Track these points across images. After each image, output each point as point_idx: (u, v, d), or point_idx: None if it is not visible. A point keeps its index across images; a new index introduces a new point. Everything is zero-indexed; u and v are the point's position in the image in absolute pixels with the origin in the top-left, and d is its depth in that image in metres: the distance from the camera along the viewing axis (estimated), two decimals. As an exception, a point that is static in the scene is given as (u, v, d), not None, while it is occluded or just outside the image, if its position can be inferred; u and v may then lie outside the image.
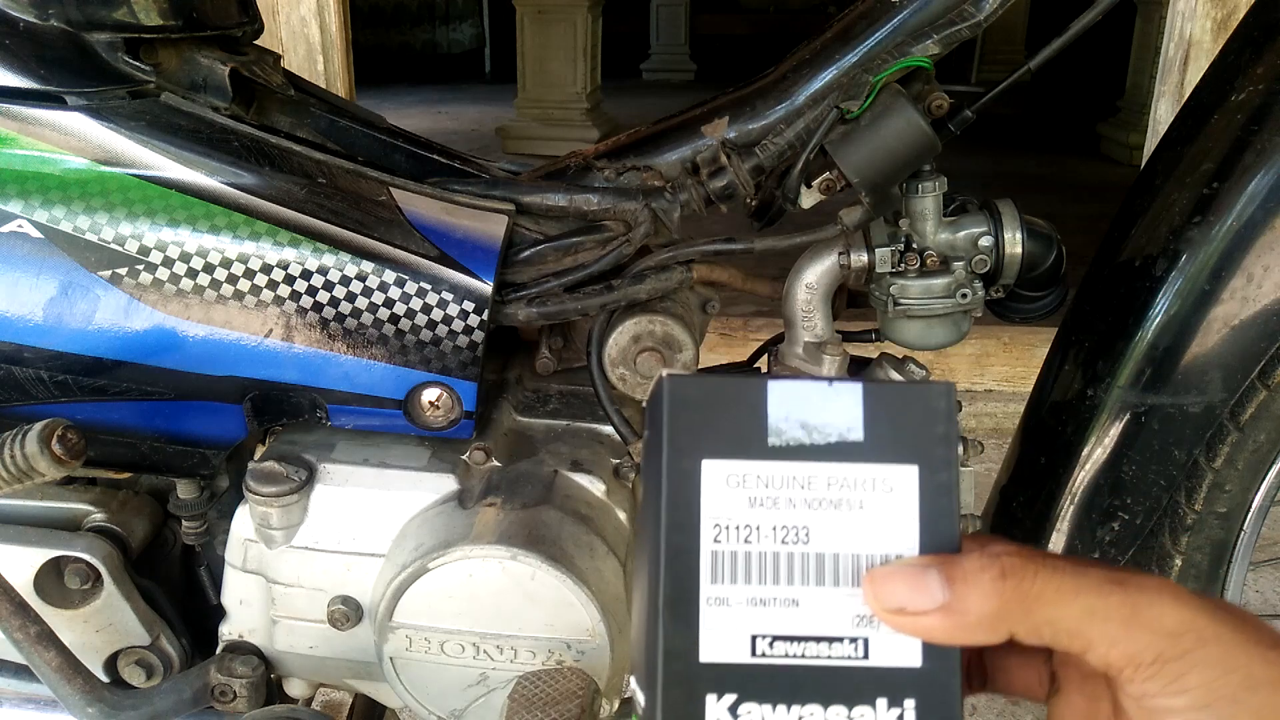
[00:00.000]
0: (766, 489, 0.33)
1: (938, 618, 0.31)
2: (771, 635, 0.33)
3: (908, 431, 0.33)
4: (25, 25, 0.64)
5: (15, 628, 0.65)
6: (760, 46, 4.78)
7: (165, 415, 0.67)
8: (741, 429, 0.33)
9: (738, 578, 0.33)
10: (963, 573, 0.31)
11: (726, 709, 0.32)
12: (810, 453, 0.33)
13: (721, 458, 0.33)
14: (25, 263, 0.63)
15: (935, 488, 0.33)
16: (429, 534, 0.65)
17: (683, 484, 0.33)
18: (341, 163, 0.68)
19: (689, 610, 0.32)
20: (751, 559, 0.33)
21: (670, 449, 0.33)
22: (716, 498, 0.33)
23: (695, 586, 0.32)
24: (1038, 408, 0.80)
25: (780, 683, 0.32)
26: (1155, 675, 0.30)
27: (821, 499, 0.33)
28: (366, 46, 6.19)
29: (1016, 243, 0.71)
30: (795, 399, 0.33)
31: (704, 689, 0.32)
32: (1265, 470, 0.74)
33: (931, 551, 0.33)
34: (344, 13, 2.05)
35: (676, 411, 0.33)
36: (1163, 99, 2.00)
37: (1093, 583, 0.30)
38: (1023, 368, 2.07)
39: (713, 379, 0.34)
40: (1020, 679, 0.38)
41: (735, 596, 0.33)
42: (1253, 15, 0.72)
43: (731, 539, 0.33)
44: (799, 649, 0.33)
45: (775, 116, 0.69)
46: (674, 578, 0.32)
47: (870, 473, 0.33)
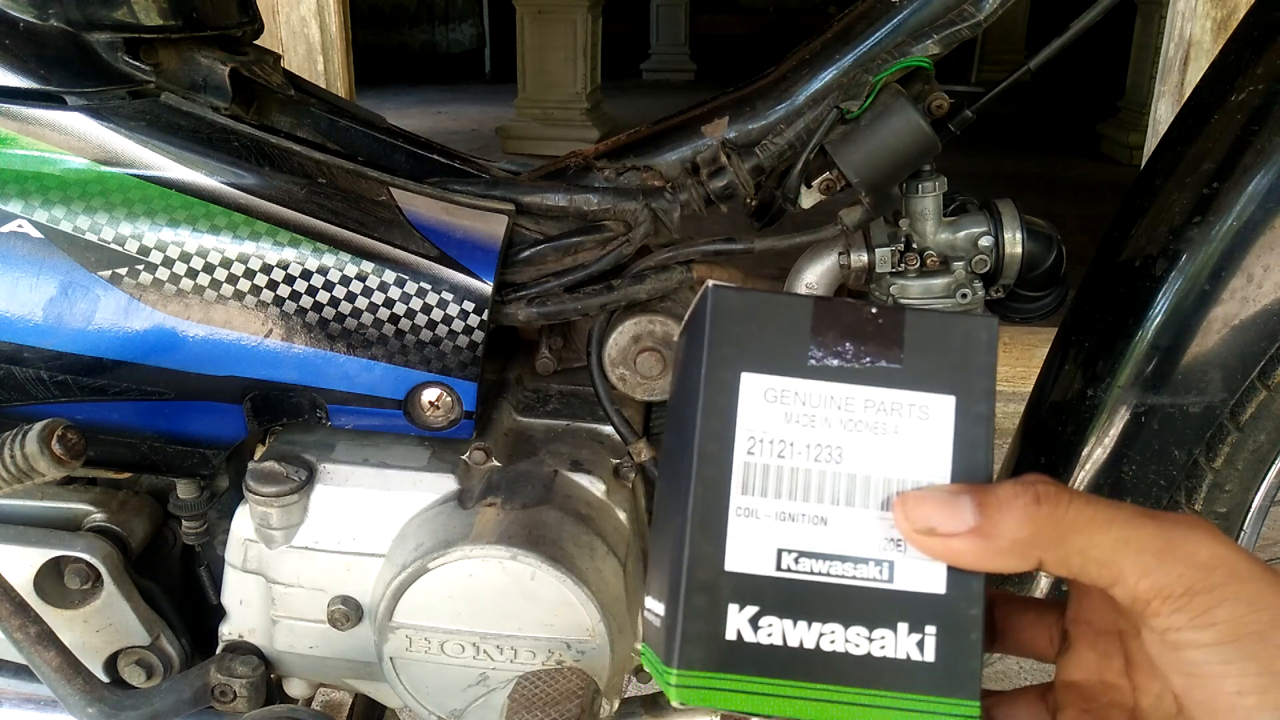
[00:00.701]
0: (803, 406, 0.33)
1: (969, 541, 0.31)
2: (798, 551, 0.33)
3: (948, 361, 0.33)
4: (25, 25, 0.64)
5: (15, 628, 0.65)
6: (760, 46, 4.79)
7: (165, 415, 0.67)
8: (782, 345, 0.33)
9: (768, 491, 0.33)
10: (996, 499, 0.31)
11: (747, 620, 0.32)
12: (849, 374, 0.33)
13: (761, 371, 0.33)
14: (25, 263, 0.63)
15: (971, 418, 0.33)
16: (429, 534, 0.65)
17: (720, 394, 0.33)
18: (341, 163, 0.68)
19: (718, 518, 0.32)
20: (783, 473, 0.33)
21: (710, 358, 0.33)
22: (753, 410, 0.33)
23: (725, 496, 0.33)
24: (1038, 408, 0.80)
25: (803, 598, 0.33)
26: (1184, 607, 0.30)
27: (857, 420, 0.33)
28: (366, 46, 6.19)
29: (1016, 243, 0.71)
30: (839, 319, 0.33)
31: (727, 598, 0.32)
32: (1265, 470, 0.74)
33: (963, 481, 0.33)
34: (344, 13, 2.05)
35: (719, 322, 0.33)
36: (1163, 99, 2.00)
37: (1126, 515, 0.30)
38: (1023, 368, 2.07)
39: (757, 293, 0.33)
40: (1031, 638, 0.38)
41: (764, 509, 0.33)
42: (1253, 15, 0.72)
43: (765, 452, 0.33)
44: (824, 566, 0.33)
45: (775, 116, 0.69)
46: (705, 486, 0.32)
47: (907, 399, 0.33)
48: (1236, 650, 0.29)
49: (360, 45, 2.38)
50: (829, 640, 0.33)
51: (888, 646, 0.33)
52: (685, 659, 0.32)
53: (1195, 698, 0.30)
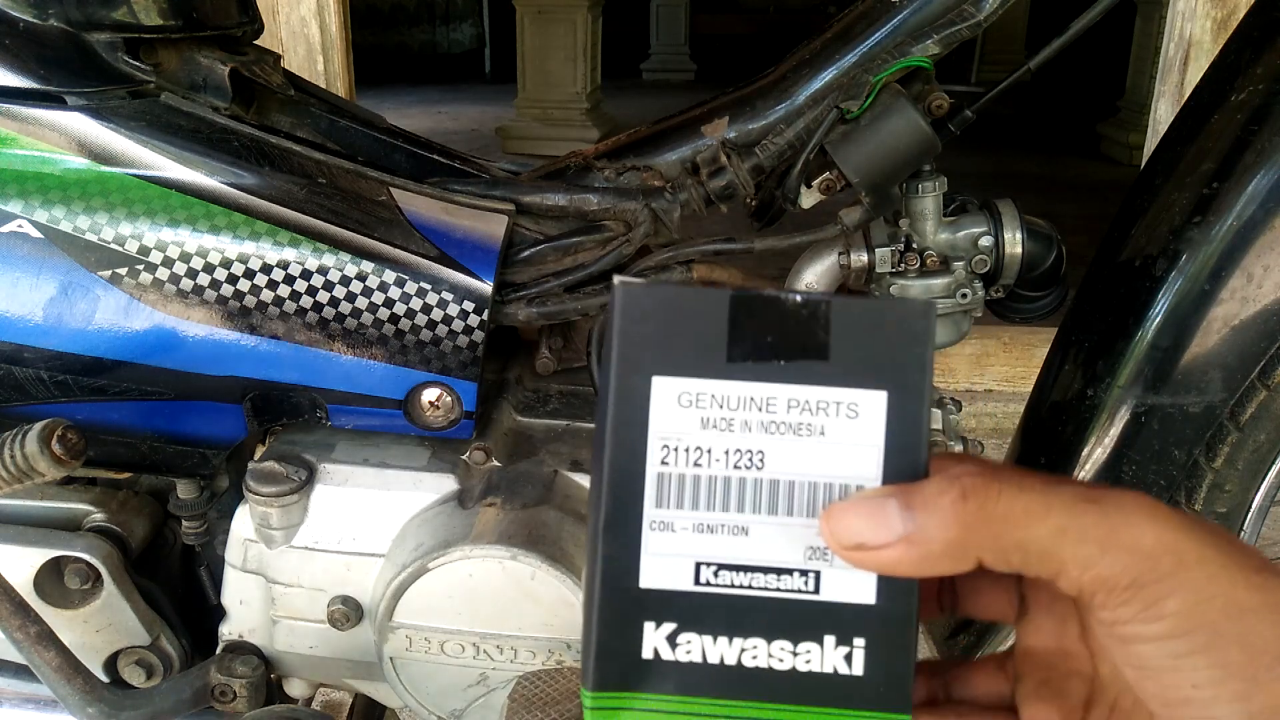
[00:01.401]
0: (721, 409, 0.30)
1: (899, 550, 0.29)
2: (717, 564, 0.31)
3: (879, 353, 0.30)
4: (25, 25, 0.64)
5: (15, 628, 0.65)
6: (760, 46, 4.79)
7: (165, 415, 0.67)
8: (698, 343, 0.30)
9: (684, 502, 0.31)
10: (922, 499, 0.29)
11: (665, 638, 0.31)
12: (771, 372, 0.30)
13: (674, 374, 0.30)
14: (25, 263, 0.63)
15: (903, 415, 0.30)
16: (429, 534, 0.65)
17: (630, 401, 0.30)
18: (341, 163, 0.68)
19: (631, 533, 0.31)
20: (700, 483, 0.31)
21: (619, 363, 0.30)
22: (666, 417, 0.30)
23: (639, 509, 0.30)
24: (1038, 408, 0.80)
25: (723, 613, 0.31)
26: (1130, 600, 0.28)
27: (780, 422, 0.30)
28: (366, 47, 6.19)
29: (1016, 243, 0.71)
30: (759, 313, 0.30)
31: (642, 615, 0.31)
32: (1265, 470, 0.74)
33: (893, 481, 0.30)
34: (344, 13, 2.05)
35: (627, 323, 0.30)
36: (1163, 99, 2.00)
37: (1064, 500, 0.28)
38: (1023, 368, 2.07)
39: (669, 289, 0.31)
40: (990, 601, 0.36)
41: (680, 521, 0.31)
42: (1253, 15, 0.72)
43: (680, 461, 0.30)
44: (745, 579, 0.31)
45: (775, 116, 0.69)
46: (616, 499, 0.30)
47: (835, 396, 0.30)
48: (1188, 643, 0.27)
49: (360, 45, 2.38)
50: (751, 656, 0.31)
51: (814, 661, 0.31)
52: (600, 679, 0.31)
53: (1149, 690, 0.29)
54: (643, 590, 0.31)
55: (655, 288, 0.31)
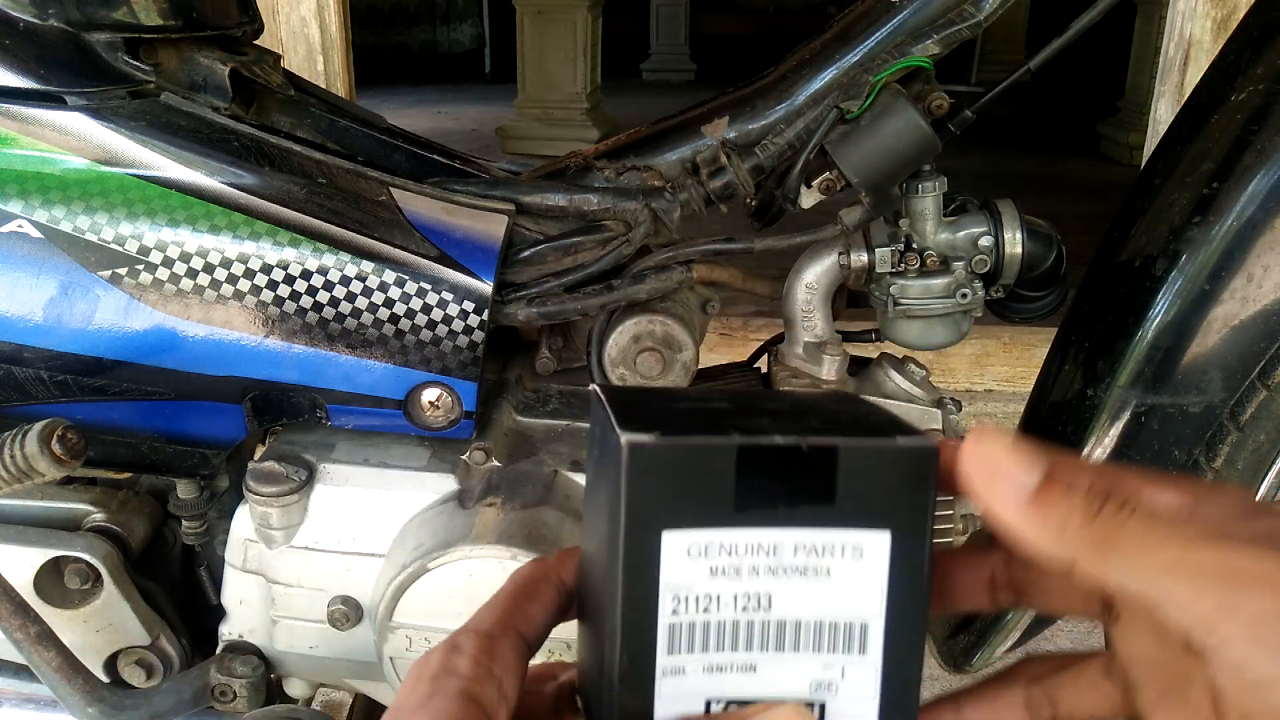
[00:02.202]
0: (729, 557, 0.31)
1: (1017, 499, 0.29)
2: (726, 699, 0.31)
3: (884, 494, 0.31)
4: (25, 25, 0.64)
5: (15, 628, 0.65)
6: (760, 46, 4.79)
7: (165, 415, 0.67)
8: (706, 495, 0.30)
9: (694, 647, 0.31)
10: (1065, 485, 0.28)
11: None
12: (778, 518, 0.31)
13: (683, 528, 0.30)
14: (25, 263, 0.63)
15: (907, 554, 0.31)
16: (429, 534, 0.65)
17: (641, 556, 0.30)
18: (341, 163, 0.68)
19: (645, 680, 0.31)
20: (710, 629, 0.31)
21: (628, 520, 0.30)
22: (676, 569, 0.31)
23: (652, 658, 0.31)
24: (1038, 408, 0.80)
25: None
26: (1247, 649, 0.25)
27: (787, 566, 0.31)
28: (366, 47, 6.19)
29: (1016, 243, 0.71)
30: (766, 463, 0.30)
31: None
32: (1265, 470, 0.74)
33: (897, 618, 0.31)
34: (344, 13, 2.05)
35: (636, 480, 0.30)
36: (1163, 99, 2.00)
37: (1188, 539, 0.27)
38: (1023, 368, 2.07)
39: (676, 444, 0.30)
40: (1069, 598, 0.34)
41: (691, 665, 0.31)
42: (1253, 15, 0.72)
43: (690, 610, 0.31)
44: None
45: (775, 116, 0.69)
46: (630, 651, 0.31)
47: (840, 538, 0.31)
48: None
49: (360, 45, 2.38)
50: None
51: None
52: None
53: None
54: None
55: (663, 444, 0.30)
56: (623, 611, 0.30)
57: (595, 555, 0.33)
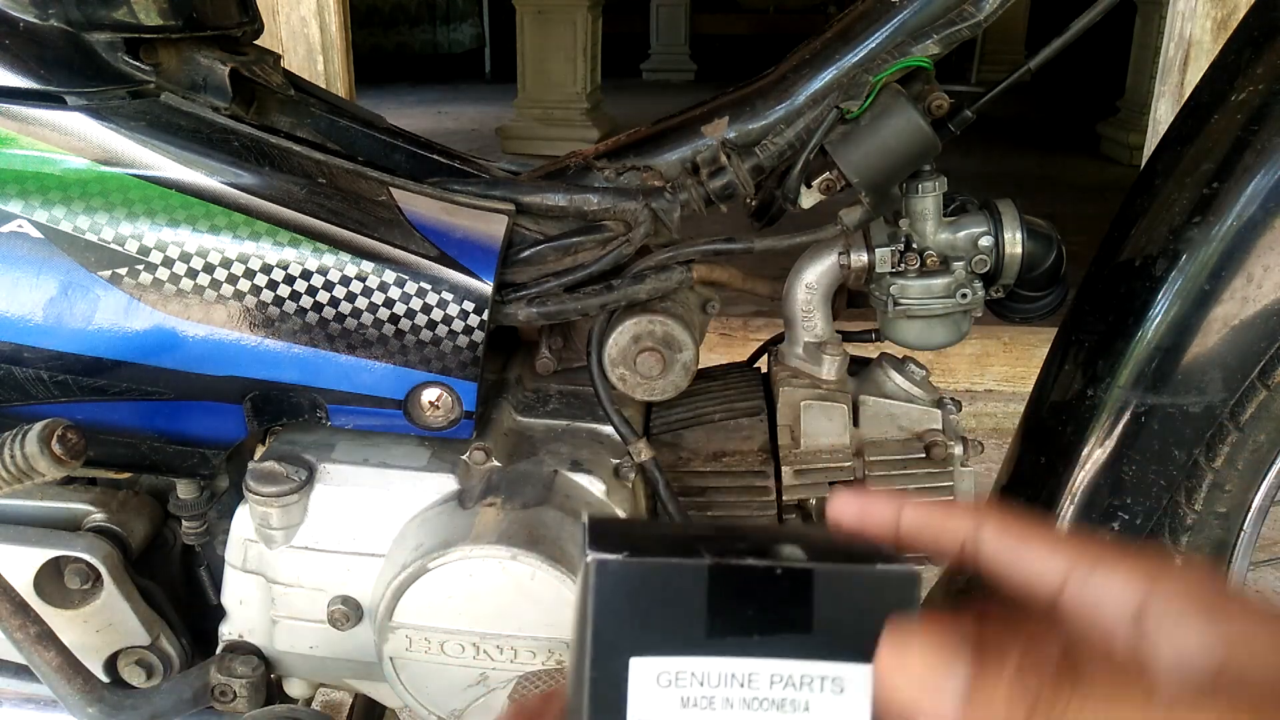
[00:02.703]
0: (701, 687, 0.29)
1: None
2: None
3: (863, 624, 0.29)
4: (25, 25, 0.64)
5: (15, 628, 0.65)
6: (760, 46, 4.78)
7: (165, 415, 0.67)
8: (676, 619, 0.29)
9: None
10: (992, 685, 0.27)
11: None
12: (751, 647, 0.29)
13: (652, 654, 0.29)
14: (25, 263, 0.63)
15: None
16: (429, 534, 0.65)
17: (607, 685, 0.29)
18: (341, 163, 0.68)
19: None
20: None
21: (594, 645, 0.29)
22: (645, 698, 0.29)
23: None
24: (1038, 408, 0.80)
25: None
26: None
27: (762, 699, 0.29)
28: (366, 47, 6.19)
29: (1016, 243, 0.71)
30: (739, 586, 0.29)
31: None
32: (1265, 470, 0.74)
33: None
34: (344, 13, 2.05)
35: (603, 602, 0.29)
36: (1163, 99, 2.00)
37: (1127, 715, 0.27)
38: (1023, 368, 2.07)
39: (646, 564, 0.29)
40: None
41: None
42: (1253, 15, 0.72)
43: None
44: None
45: (775, 116, 0.69)
46: None
47: (818, 670, 0.29)
48: None
49: (360, 45, 2.38)
50: None
51: None
52: None
53: None
54: None
55: (631, 564, 0.29)
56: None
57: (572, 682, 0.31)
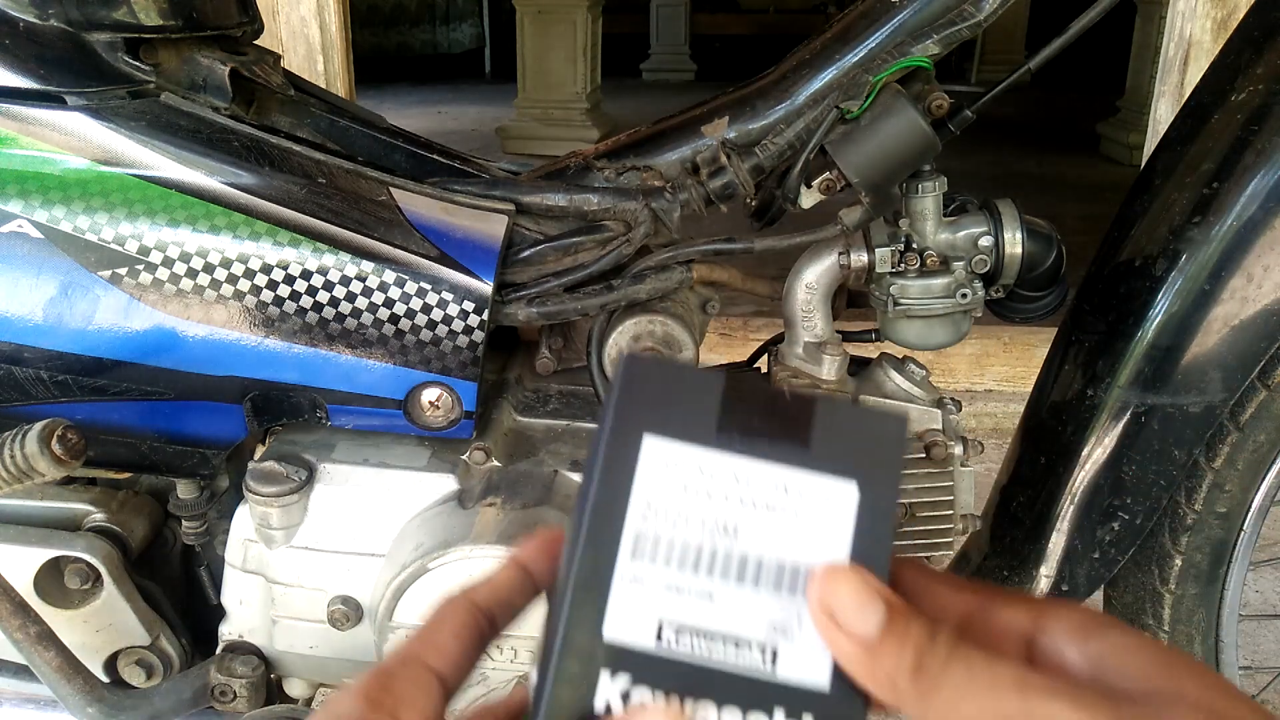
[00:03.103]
0: (704, 478, 0.32)
1: (855, 651, 0.30)
2: (679, 624, 0.32)
3: (856, 451, 0.32)
4: (25, 25, 0.64)
5: (15, 628, 0.65)
6: (760, 46, 4.78)
7: (165, 415, 0.67)
8: (690, 414, 0.32)
9: (658, 559, 0.32)
10: (898, 639, 0.30)
11: (619, 692, 0.31)
12: (754, 450, 0.32)
13: (665, 436, 0.32)
14: (25, 263, 0.63)
15: (874, 511, 0.32)
16: (429, 534, 0.65)
17: (621, 454, 0.32)
18: (341, 163, 0.68)
19: (602, 581, 0.32)
20: (675, 544, 0.32)
21: (615, 420, 0.32)
22: (652, 475, 0.32)
23: (613, 560, 0.32)
24: (1038, 408, 0.80)
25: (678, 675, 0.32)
26: None
27: (757, 499, 0.32)
28: (366, 47, 6.19)
29: (1016, 243, 0.71)
30: (750, 396, 0.32)
31: (600, 664, 0.31)
32: (1265, 470, 0.74)
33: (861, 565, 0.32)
34: (344, 13, 2.05)
35: (629, 385, 0.32)
36: (1163, 99, 2.00)
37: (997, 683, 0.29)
38: (1023, 368, 2.07)
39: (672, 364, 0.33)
40: None
41: (651, 578, 0.32)
42: (1253, 15, 0.72)
43: (659, 519, 0.32)
44: (705, 646, 0.32)
45: (775, 116, 0.69)
46: (594, 546, 0.32)
47: (810, 481, 0.32)
48: None
49: (360, 45, 2.38)
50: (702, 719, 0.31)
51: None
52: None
53: None
54: (605, 642, 0.32)
55: (660, 361, 0.33)
56: (594, 501, 0.32)
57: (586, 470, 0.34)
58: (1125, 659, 0.31)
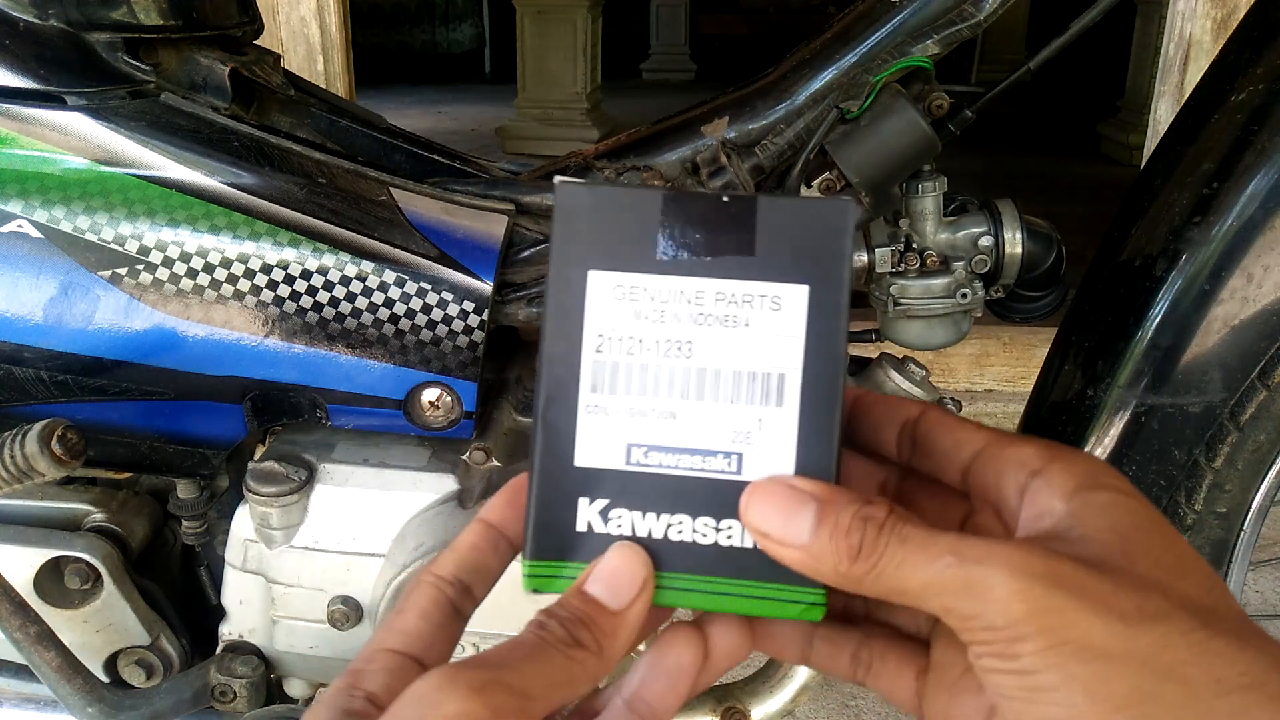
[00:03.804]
0: (653, 301, 0.33)
1: (797, 555, 0.31)
2: (647, 445, 0.33)
3: (803, 249, 0.32)
4: (25, 25, 0.64)
5: (15, 628, 0.65)
6: (760, 46, 4.78)
7: (165, 415, 0.67)
8: (632, 240, 0.32)
9: (617, 388, 0.33)
10: (830, 525, 0.30)
11: (598, 512, 0.33)
12: (700, 267, 0.32)
13: (609, 269, 0.32)
14: (25, 263, 0.63)
15: (824, 308, 0.32)
16: (429, 534, 0.65)
17: (567, 293, 0.33)
18: (341, 163, 0.68)
19: (567, 416, 0.33)
20: (633, 370, 0.33)
21: (557, 257, 0.32)
22: (601, 308, 0.33)
23: (574, 394, 0.33)
24: (1038, 408, 0.80)
25: (652, 490, 0.33)
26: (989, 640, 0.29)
27: (708, 314, 0.33)
28: (366, 47, 6.18)
29: (1016, 243, 0.71)
30: (690, 211, 0.32)
31: (577, 491, 0.33)
32: (1265, 470, 0.74)
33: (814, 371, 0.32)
34: (344, 13, 2.05)
35: (565, 220, 0.32)
36: (1163, 99, 2.00)
37: (933, 554, 0.30)
38: (1023, 368, 2.07)
39: (605, 188, 0.33)
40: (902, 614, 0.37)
41: (614, 406, 0.33)
42: (1253, 15, 0.72)
43: (614, 350, 0.33)
44: (673, 460, 0.33)
45: (775, 116, 0.69)
46: (553, 384, 0.33)
47: (759, 289, 0.32)
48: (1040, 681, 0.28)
49: (360, 45, 2.38)
50: (677, 531, 0.33)
51: (734, 536, 0.33)
52: (537, 549, 0.34)
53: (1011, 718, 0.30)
54: (578, 468, 0.33)
55: (593, 187, 0.33)
56: (548, 341, 0.33)
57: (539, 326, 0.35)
58: (1102, 518, 0.31)
